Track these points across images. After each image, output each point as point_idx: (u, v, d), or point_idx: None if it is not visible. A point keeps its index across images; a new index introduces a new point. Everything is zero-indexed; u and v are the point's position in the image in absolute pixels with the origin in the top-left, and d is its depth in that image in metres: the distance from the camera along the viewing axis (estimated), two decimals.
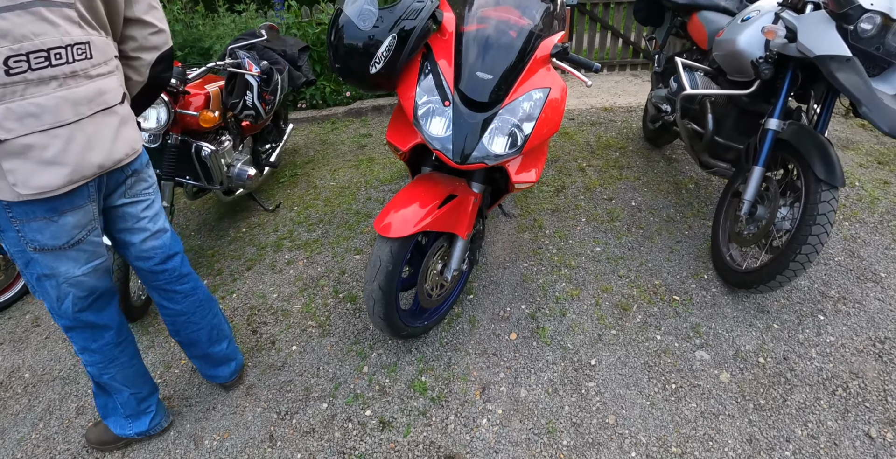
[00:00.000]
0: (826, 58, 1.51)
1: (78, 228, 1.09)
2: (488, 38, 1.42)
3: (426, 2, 1.39)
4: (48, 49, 0.93)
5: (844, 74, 1.46)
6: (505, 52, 1.40)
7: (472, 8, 1.52)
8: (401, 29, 1.31)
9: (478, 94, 1.36)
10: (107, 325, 1.26)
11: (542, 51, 1.47)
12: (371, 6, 1.31)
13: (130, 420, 1.44)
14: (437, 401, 1.59)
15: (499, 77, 1.37)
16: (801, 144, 1.66)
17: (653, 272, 2.09)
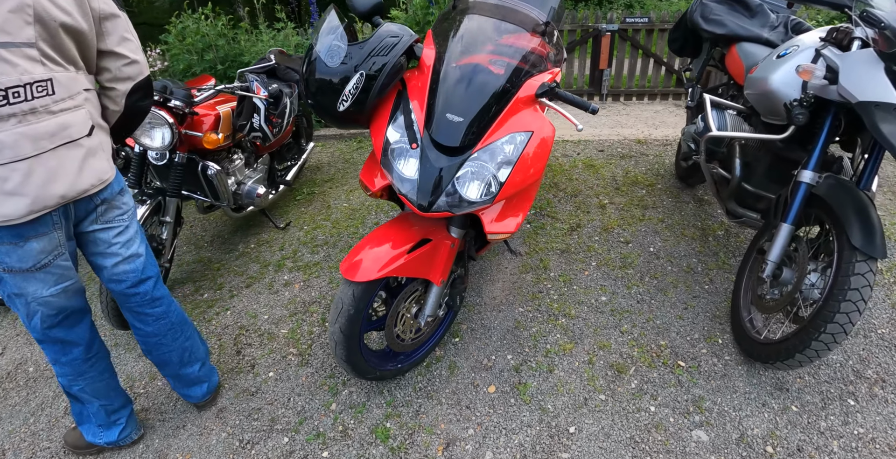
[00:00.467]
0: (870, 105, 1.32)
1: (44, 253, 1.14)
2: (463, 77, 1.34)
3: (401, 37, 1.34)
4: (6, 88, 0.99)
5: (891, 126, 1.26)
6: (480, 92, 1.32)
7: (452, 44, 1.43)
8: (370, 66, 1.28)
9: (446, 138, 1.29)
10: (76, 342, 1.31)
11: (527, 90, 1.37)
12: (340, 42, 1.29)
13: (102, 429, 1.49)
14: (395, 452, 1.52)
15: (471, 119, 1.30)
16: (837, 203, 1.45)
17: (660, 330, 1.91)
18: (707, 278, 2.19)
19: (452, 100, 1.31)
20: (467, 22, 1.45)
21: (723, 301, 2.05)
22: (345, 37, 1.30)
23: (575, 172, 3.22)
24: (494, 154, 1.28)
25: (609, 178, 3.11)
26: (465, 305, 2.10)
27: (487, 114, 1.31)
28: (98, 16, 1.12)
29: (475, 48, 1.40)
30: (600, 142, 3.61)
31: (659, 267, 2.28)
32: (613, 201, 2.85)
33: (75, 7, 1.07)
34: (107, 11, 1.14)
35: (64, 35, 1.06)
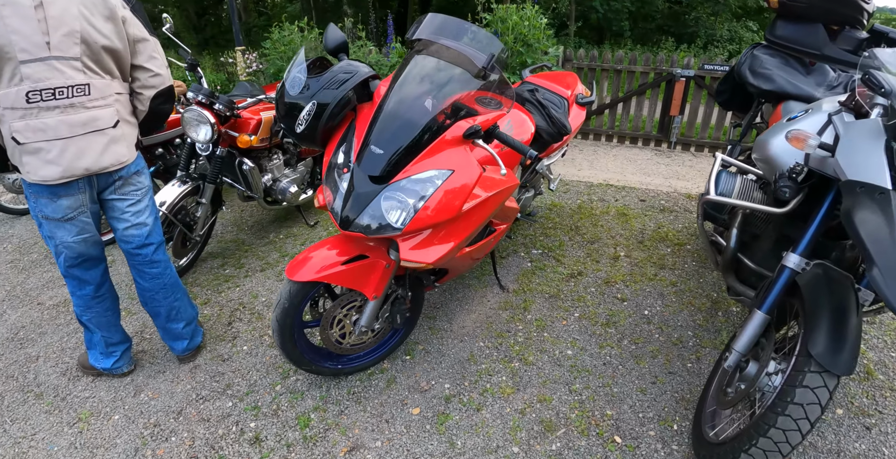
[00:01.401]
0: (853, 185, 1.16)
1: (70, 209, 1.52)
2: (393, 113, 1.45)
3: (354, 73, 1.50)
4: (54, 88, 1.38)
5: (865, 213, 1.08)
6: (404, 128, 1.41)
7: (396, 81, 1.54)
8: (322, 97, 1.47)
9: (368, 167, 1.41)
10: (89, 281, 1.69)
11: (455, 131, 1.44)
12: (301, 74, 1.50)
13: (102, 356, 1.87)
14: (307, 441, 1.67)
15: (392, 152, 1.40)
16: (811, 298, 1.28)
17: (613, 399, 1.81)
18: (694, 355, 2.01)
19: (379, 134, 1.44)
20: (414, 61, 1.56)
21: (700, 384, 1.87)
22: (305, 70, 1.52)
23: (603, 219, 3.12)
24: (410, 187, 1.38)
25: (637, 230, 2.96)
26: (431, 328, 2.18)
27: (411, 149, 1.42)
28: (132, 39, 1.51)
29: (413, 87, 1.51)
30: (646, 191, 3.43)
31: (645, 332, 2.14)
32: (630, 255, 2.72)
33: (113, 33, 1.45)
34: (139, 36, 1.52)
35: (103, 53, 1.44)
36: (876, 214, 1.06)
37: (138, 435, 1.70)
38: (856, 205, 1.09)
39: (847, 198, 1.14)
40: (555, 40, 3.74)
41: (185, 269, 2.57)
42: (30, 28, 1.32)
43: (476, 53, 1.43)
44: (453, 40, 1.44)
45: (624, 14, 10.16)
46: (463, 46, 1.45)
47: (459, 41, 1.45)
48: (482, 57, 1.41)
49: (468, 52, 1.44)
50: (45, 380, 1.93)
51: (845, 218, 1.10)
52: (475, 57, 1.42)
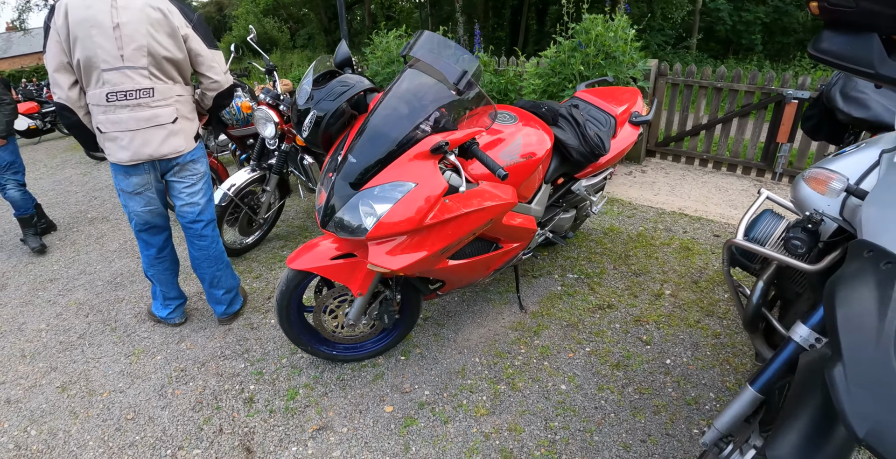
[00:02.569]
0: (863, 247, 0.91)
1: (139, 185, 1.90)
2: (371, 125, 1.52)
3: (351, 86, 1.59)
4: (125, 91, 1.73)
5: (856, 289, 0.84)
6: (378, 140, 1.47)
7: (384, 93, 1.60)
8: (321, 107, 1.59)
9: (346, 174, 1.49)
10: (152, 244, 2.08)
11: (423, 146, 1.46)
12: (307, 86, 1.64)
13: (161, 306, 2.28)
14: (287, 411, 1.84)
15: (364, 162, 1.47)
16: (801, 385, 1.05)
17: (589, 448, 1.67)
18: (706, 421, 1.75)
19: (356, 144, 1.52)
20: (401, 77, 1.60)
21: (693, 454, 1.63)
22: (311, 83, 1.66)
23: (661, 251, 2.82)
24: (375, 195, 1.44)
25: (696, 268, 2.62)
26: (436, 335, 2.22)
27: (382, 160, 1.48)
28: (193, 53, 1.82)
29: (396, 101, 1.56)
30: (724, 225, 3.00)
31: (657, 383, 1.92)
32: (677, 294, 2.43)
33: (174, 47, 1.77)
34: (197, 50, 1.83)
35: (165, 62, 1.77)
36: (869, 291, 0.83)
37: (168, 375, 2.04)
38: (849, 276, 0.88)
39: (848, 263, 0.92)
40: (643, 53, 3.46)
41: (250, 246, 2.97)
42: (109, 44, 1.69)
43: (451, 70, 1.45)
44: (435, 57, 1.48)
45: (756, 26, 8.87)
46: (441, 63, 1.47)
47: (441, 58, 1.48)
48: (455, 73, 1.43)
49: (443, 68, 1.46)
50: (122, 318, 2.41)
51: (828, 290, 0.88)
52: (450, 73, 1.44)
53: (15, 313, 2.52)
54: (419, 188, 1.43)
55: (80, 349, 2.22)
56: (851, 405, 0.74)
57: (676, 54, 8.63)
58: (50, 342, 2.28)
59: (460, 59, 1.48)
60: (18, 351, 2.24)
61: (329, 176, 1.58)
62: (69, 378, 2.05)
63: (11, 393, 1.99)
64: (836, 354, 0.80)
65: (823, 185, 1.03)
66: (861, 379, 0.75)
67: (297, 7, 14.39)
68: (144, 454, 1.69)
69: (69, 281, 2.80)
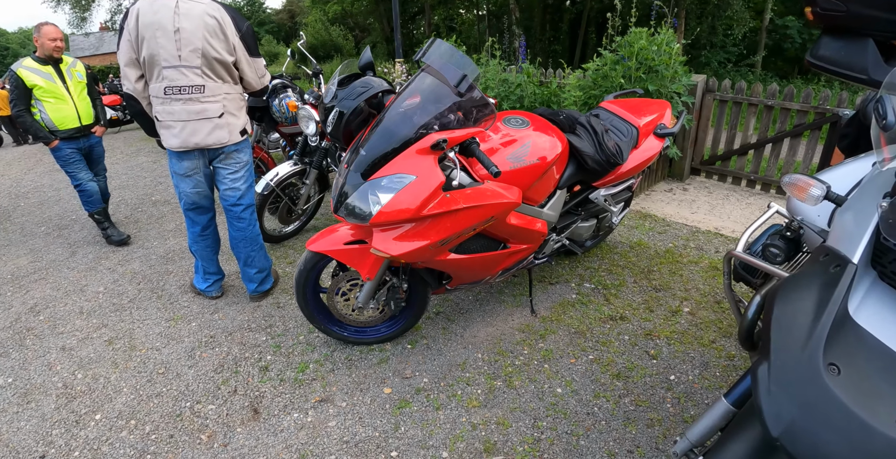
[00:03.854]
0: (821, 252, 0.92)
1: (189, 169, 2.16)
2: (382, 122, 1.64)
3: (370, 88, 1.72)
4: (180, 86, 1.97)
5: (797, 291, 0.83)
6: (385, 136, 1.59)
7: (398, 94, 1.71)
8: (343, 106, 1.73)
9: (356, 166, 1.62)
10: (197, 222, 2.34)
11: (425, 143, 1.56)
12: (333, 86, 1.79)
13: (201, 280, 2.53)
14: (296, 382, 1.99)
15: (372, 155, 1.59)
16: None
17: (573, 451, 1.68)
18: None
19: (369, 138, 1.65)
20: (414, 80, 1.71)
21: None
22: (336, 83, 1.81)
23: (688, 268, 2.74)
24: (379, 185, 1.55)
25: (721, 289, 2.53)
26: (444, 329, 2.30)
27: (387, 155, 1.60)
28: (240, 56, 2.07)
29: (406, 102, 1.67)
30: None
31: (656, 397, 1.88)
32: (696, 312, 2.36)
33: (225, 50, 2.01)
34: (241, 56, 2.07)
35: (216, 63, 2.01)
36: (810, 293, 0.82)
37: (198, 340, 2.26)
38: (797, 277, 0.87)
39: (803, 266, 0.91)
40: (687, 68, 3.39)
41: (289, 235, 3.21)
42: (170, 45, 1.95)
43: (453, 73, 1.56)
44: (442, 62, 1.60)
45: None
46: (444, 67, 1.59)
47: (448, 63, 1.59)
48: (457, 76, 1.54)
49: (446, 72, 1.57)
50: (168, 288, 2.69)
51: (772, 290, 0.88)
52: (451, 76, 1.55)
53: (80, 276, 2.88)
54: (418, 180, 1.54)
55: (129, 311, 2.51)
56: (769, 404, 0.74)
57: (739, 72, 8.23)
58: (105, 303, 2.59)
59: (462, 65, 1.59)
60: (78, 308, 2.56)
61: (345, 167, 1.72)
62: (116, 334, 2.33)
63: (67, 342, 2.29)
64: (765, 352, 0.80)
65: (803, 192, 1.02)
66: (783, 378, 0.74)
67: (363, 16, 15.20)
68: (167, 403, 1.89)
69: (129, 254, 3.16)
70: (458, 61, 1.59)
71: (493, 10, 12.93)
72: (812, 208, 1.14)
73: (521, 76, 4.03)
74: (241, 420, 1.80)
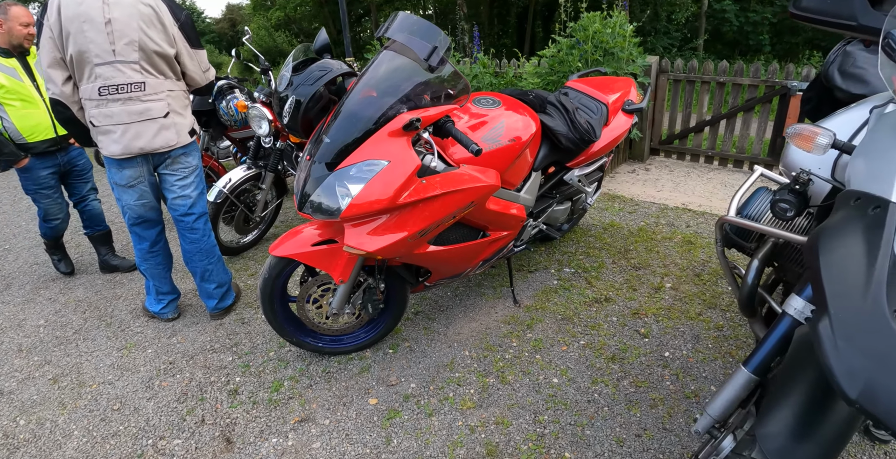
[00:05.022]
0: (850, 196, 0.85)
1: (132, 178, 1.93)
2: (344, 106, 1.50)
3: (328, 71, 1.59)
4: (117, 85, 1.76)
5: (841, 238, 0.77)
6: (350, 120, 1.46)
7: (360, 75, 1.58)
8: (299, 93, 1.59)
9: (320, 156, 1.48)
10: (145, 238, 2.10)
11: (395, 124, 1.44)
12: (287, 72, 1.65)
13: (154, 301, 2.29)
14: (270, 403, 1.81)
15: (337, 142, 1.45)
16: (793, 360, 0.98)
17: (579, 442, 1.60)
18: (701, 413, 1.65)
19: (332, 125, 1.51)
20: (377, 58, 1.59)
21: (692, 447, 1.54)
22: (290, 69, 1.67)
23: (663, 245, 2.74)
24: (347, 175, 1.42)
25: (699, 262, 2.54)
26: (426, 328, 2.18)
27: (355, 140, 1.46)
28: (181, 48, 1.87)
29: (371, 82, 1.54)
30: None
31: (655, 376, 1.83)
32: (678, 287, 2.35)
33: (164, 41, 1.81)
34: (181, 48, 1.88)
35: (156, 57, 1.80)
36: (855, 238, 0.75)
37: (156, 368, 2.03)
38: (834, 225, 0.81)
39: (833, 215, 0.85)
40: (640, 49, 3.42)
41: (248, 245, 2.99)
42: (101, 38, 1.73)
43: (421, 47, 1.43)
44: (409, 36, 1.47)
45: (764, 27, 8.75)
46: (411, 40, 1.46)
47: (414, 36, 1.47)
48: (426, 49, 1.41)
49: (414, 45, 1.45)
50: (117, 314, 2.43)
51: (810, 243, 0.82)
52: (420, 50, 1.43)
53: (16, 310, 2.56)
54: (391, 166, 1.41)
55: (74, 343, 2.24)
56: (839, 362, 0.66)
57: (682, 56, 8.57)
58: (46, 337, 2.31)
59: (430, 36, 1.47)
60: (16, 345, 2.27)
61: (307, 159, 1.57)
62: (61, 370, 2.07)
63: (5, 385, 2.01)
64: (822, 307, 0.73)
65: (809, 142, 0.97)
66: (849, 331, 0.67)
67: (307, 21, 14.77)
68: (126, 443, 1.67)
69: (70, 281, 2.85)
70: (426, 33, 1.46)
71: (439, 7, 12.91)
72: (814, 159, 1.10)
73: (476, 67, 3.96)
74: (213, 453, 1.62)
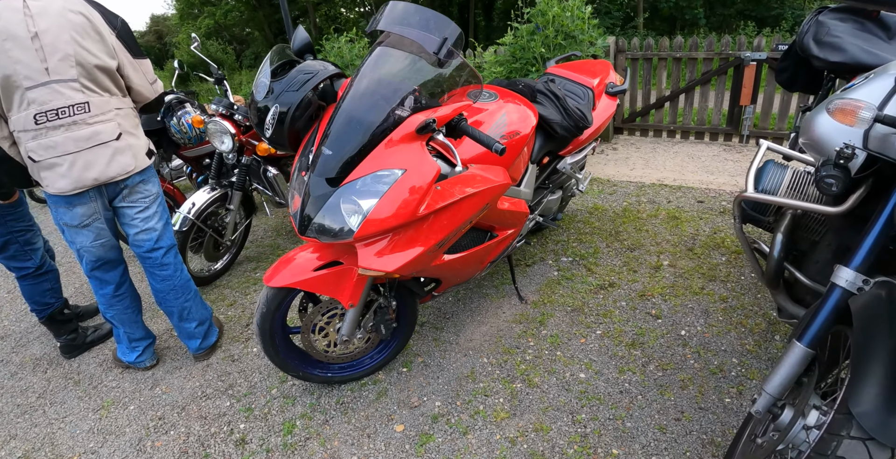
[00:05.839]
0: None
1: (85, 216, 1.67)
2: (343, 111, 1.36)
3: (314, 73, 1.43)
4: (56, 108, 1.51)
5: None
6: (354, 126, 1.31)
7: (354, 76, 1.43)
8: (283, 100, 1.42)
9: (321, 170, 1.33)
10: (109, 281, 1.85)
11: (407, 127, 1.31)
12: (265, 79, 1.47)
13: (127, 350, 2.03)
14: (286, 447, 1.64)
15: (341, 153, 1.31)
16: (865, 330, 0.95)
17: (623, 436, 1.55)
18: (736, 389, 1.66)
19: (331, 134, 1.36)
20: (372, 55, 1.45)
21: (737, 425, 1.53)
22: (269, 75, 1.49)
23: (650, 222, 2.76)
24: (361, 188, 1.28)
25: (688, 236, 2.57)
26: (436, 340, 2.07)
27: (361, 149, 1.32)
28: (122, 60, 1.62)
29: (369, 82, 1.40)
30: (706, 190, 2.97)
31: (678, 356, 1.82)
32: (675, 264, 2.36)
33: (104, 53, 1.57)
34: (123, 60, 1.64)
35: (97, 71, 1.56)
36: None
37: (144, 426, 1.80)
38: None
39: None
40: (601, 30, 3.43)
41: (220, 272, 2.74)
42: (29, 57, 1.47)
43: (429, 39, 1.29)
44: (409, 28, 1.33)
45: (697, 1, 9.19)
46: (417, 33, 1.32)
47: (416, 28, 1.33)
48: (435, 42, 1.28)
49: (421, 38, 1.31)
50: (85, 369, 2.15)
51: None
52: (428, 43, 1.29)
53: None
54: (408, 175, 1.27)
55: (41, 410, 1.95)
56: None
57: (626, 34, 8.82)
58: (6, 407, 2.00)
59: (437, 26, 1.32)
60: None
61: (302, 175, 1.40)
62: (32, 445, 1.79)
63: None
64: None
65: (852, 116, 0.95)
66: None
67: (239, 28, 13.96)
68: None
69: (22, 337, 2.50)
70: (431, 23, 1.31)
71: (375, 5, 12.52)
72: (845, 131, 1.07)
73: None
74: None
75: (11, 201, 1.96)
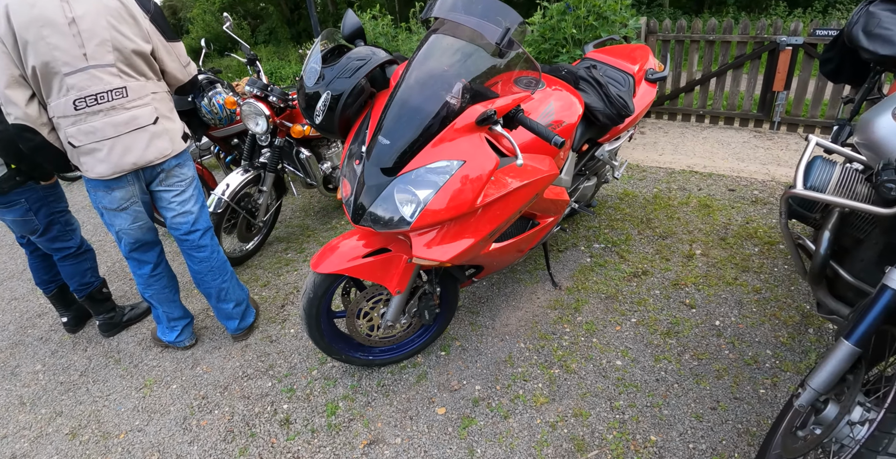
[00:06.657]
0: None
1: (123, 200, 1.68)
2: (402, 100, 1.33)
3: (367, 60, 1.39)
4: (95, 94, 1.50)
5: None
6: (413, 115, 1.28)
7: (409, 63, 1.40)
8: (335, 87, 1.39)
9: (377, 159, 1.31)
10: (146, 261, 1.87)
11: (467, 117, 1.28)
12: (315, 64, 1.43)
13: (167, 330, 2.06)
14: (331, 428, 1.68)
15: (399, 143, 1.29)
16: None
17: (661, 423, 1.57)
18: (770, 380, 1.67)
19: (387, 123, 1.34)
20: (427, 43, 1.41)
21: (771, 416, 1.55)
22: (319, 60, 1.45)
23: (682, 210, 2.73)
24: (418, 179, 1.26)
25: (720, 225, 2.54)
26: (472, 324, 2.08)
27: (419, 139, 1.30)
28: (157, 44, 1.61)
29: (426, 70, 1.37)
30: (737, 178, 2.93)
31: (713, 346, 1.83)
32: (708, 253, 2.34)
33: (139, 37, 1.55)
34: (157, 44, 1.62)
35: (134, 56, 1.54)
36: None
37: (188, 405, 1.85)
38: None
39: None
40: (634, 11, 3.31)
41: (251, 253, 2.75)
42: (67, 43, 1.45)
43: (490, 28, 1.25)
44: (467, 15, 1.28)
45: None
46: (476, 21, 1.27)
47: (474, 16, 1.28)
48: (496, 31, 1.24)
49: (481, 26, 1.26)
50: (125, 348, 2.19)
51: None
52: (489, 32, 1.25)
53: (5, 356, 2.27)
54: (468, 166, 1.26)
55: (84, 388, 2.00)
56: None
57: (651, 13, 8.50)
58: (49, 384, 2.05)
59: (498, 15, 1.27)
60: (16, 398, 2.00)
61: (355, 163, 1.39)
62: (78, 422, 1.84)
63: (16, 448, 1.77)
64: None
65: None
66: None
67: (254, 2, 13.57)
68: None
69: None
70: (491, 11, 1.26)
71: None
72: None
73: None
74: None
75: (51, 182, 1.96)
